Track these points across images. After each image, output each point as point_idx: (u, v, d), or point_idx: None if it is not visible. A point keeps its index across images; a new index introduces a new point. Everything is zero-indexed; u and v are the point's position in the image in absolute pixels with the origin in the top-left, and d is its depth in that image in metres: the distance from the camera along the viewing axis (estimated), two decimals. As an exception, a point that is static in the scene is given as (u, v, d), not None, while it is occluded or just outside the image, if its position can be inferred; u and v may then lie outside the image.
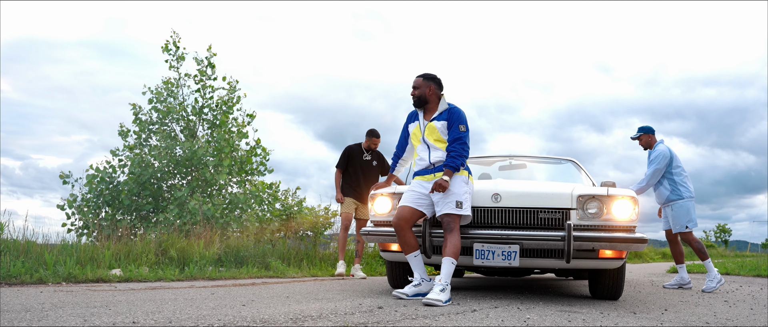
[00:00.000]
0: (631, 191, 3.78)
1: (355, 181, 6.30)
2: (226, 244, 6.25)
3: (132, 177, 7.40)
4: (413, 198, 3.69)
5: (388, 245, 4.01)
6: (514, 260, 3.59)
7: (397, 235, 3.66)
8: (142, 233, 6.03)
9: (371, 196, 4.10)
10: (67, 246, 5.04)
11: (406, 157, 4.17)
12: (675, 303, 4.09)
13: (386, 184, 4.22)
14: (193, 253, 5.80)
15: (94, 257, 5.14)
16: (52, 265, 4.67)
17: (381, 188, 4.11)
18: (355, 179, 6.31)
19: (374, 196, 4.06)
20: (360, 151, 6.35)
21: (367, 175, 6.31)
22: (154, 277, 4.99)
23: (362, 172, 6.30)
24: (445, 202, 3.57)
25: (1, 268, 4.38)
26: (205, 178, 7.56)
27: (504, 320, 2.77)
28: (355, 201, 6.29)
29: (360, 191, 6.28)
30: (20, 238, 5.16)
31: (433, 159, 3.76)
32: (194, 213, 6.91)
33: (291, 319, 2.55)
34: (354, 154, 6.35)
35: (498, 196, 3.72)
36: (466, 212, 3.60)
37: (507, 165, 5.56)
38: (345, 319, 2.60)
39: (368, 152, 6.36)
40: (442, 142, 3.75)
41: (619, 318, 3.04)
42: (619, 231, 3.63)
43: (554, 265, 3.73)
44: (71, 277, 4.51)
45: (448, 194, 3.58)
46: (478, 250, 3.62)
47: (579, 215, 3.65)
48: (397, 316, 2.74)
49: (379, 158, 6.42)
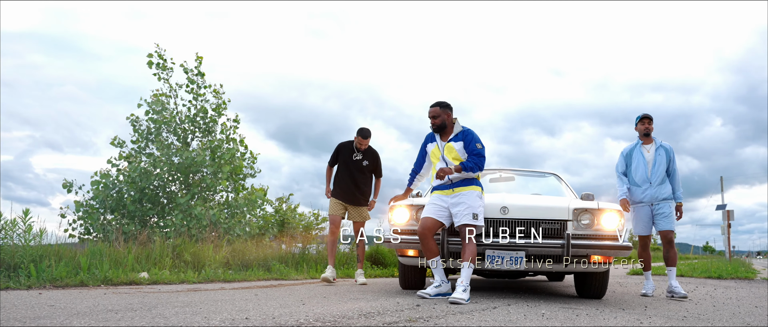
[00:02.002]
0: (618, 205, 4.42)
1: (343, 180, 6.02)
2: (232, 248, 6.63)
3: (132, 185, 7.67)
4: (435, 210, 4.23)
5: (405, 251, 4.53)
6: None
7: (421, 242, 4.19)
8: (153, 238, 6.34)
9: (390, 206, 4.60)
10: (96, 250, 5.35)
11: (423, 173, 4.71)
12: (649, 302, 4.75)
13: (404, 197, 4.72)
14: (205, 257, 6.17)
15: (118, 261, 5.47)
16: (86, 268, 4.99)
17: (399, 200, 4.62)
18: (342, 178, 6.03)
19: (393, 207, 4.57)
20: (351, 150, 6.05)
21: (355, 175, 5.99)
22: (177, 280, 5.35)
23: (351, 171, 5.99)
24: (464, 214, 4.12)
25: (45, 271, 4.68)
26: (206, 183, 7.92)
27: (525, 315, 3.32)
28: (342, 202, 6.01)
29: (348, 191, 5.99)
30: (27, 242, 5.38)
31: (452, 178, 4.27)
32: (200, 218, 7.26)
33: (363, 315, 3.03)
34: (344, 151, 6.07)
35: (506, 209, 4.29)
36: (480, 223, 4.16)
37: (497, 177, 6.15)
38: (399, 315, 3.10)
39: (359, 152, 6.04)
40: (459, 160, 4.28)
41: (619, 315, 3.64)
42: (608, 239, 4.26)
43: (553, 269, 4.32)
44: (107, 279, 4.84)
45: (466, 207, 4.13)
46: (490, 255, 4.18)
47: (574, 226, 4.25)
48: (437, 312, 3.26)
49: (372, 159, 6.09)
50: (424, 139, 4.63)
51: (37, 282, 4.44)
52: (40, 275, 4.61)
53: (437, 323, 2.83)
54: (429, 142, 4.54)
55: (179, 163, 7.94)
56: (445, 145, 4.35)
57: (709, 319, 3.59)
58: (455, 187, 4.26)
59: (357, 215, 6.02)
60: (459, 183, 4.25)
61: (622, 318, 3.41)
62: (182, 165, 7.91)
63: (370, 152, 6.09)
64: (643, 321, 3.29)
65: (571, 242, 4.12)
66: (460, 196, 4.20)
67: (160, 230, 7.20)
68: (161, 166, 7.88)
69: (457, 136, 4.34)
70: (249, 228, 7.82)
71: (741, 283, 8.22)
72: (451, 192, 4.25)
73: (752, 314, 3.96)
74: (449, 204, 4.24)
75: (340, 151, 6.09)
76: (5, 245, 4.87)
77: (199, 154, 7.89)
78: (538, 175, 6.39)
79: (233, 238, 7.36)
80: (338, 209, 6.00)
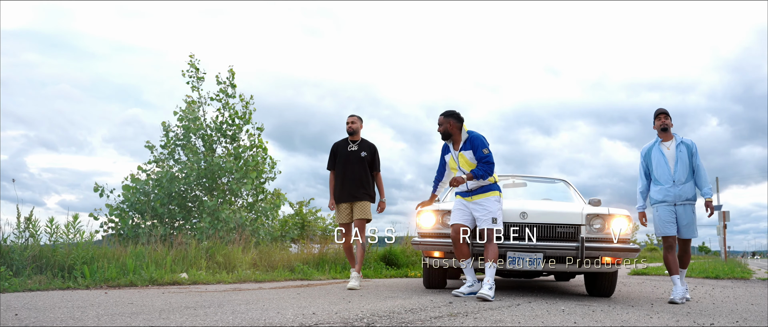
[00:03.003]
0: (626, 210, 4.83)
1: (340, 178, 5.58)
2: (259, 250, 7.03)
3: (161, 189, 8.08)
4: (461, 215, 4.64)
5: (431, 253, 4.92)
6: (539, 265, 4.57)
7: (455, 246, 4.59)
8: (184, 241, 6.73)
9: (417, 211, 5.00)
10: (139, 252, 5.73)
11: (445, 181, 5.10)
12: (654, 298, 5.16)
13: (429, 203, 5.10)
14: (235, 258, 6.55)
15: (158, 262, 5.84)
16: (132, 269, 5.37)
17: (426, 206, 5.01)
18: (340, 176, 5.59)
19: (420, 211, 4.96)
20: (346, 143, 5.69)
21: (354, 168, 5.54)
22: (213, 280, 5.74)
23: (349, 165, 5.55)
24: (485, 219, 4.53)
25: (96, 272, 5.06)
26: (232, 188, 8.35)
27: (548, 311, 3.72)
28: (347, 204, 5.57)
29: (349, 188, 5.51)
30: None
31: (470, 185, 4.65)
32: (228, 221, 7.67)
33: (408, 311, 3.43)
34: (339, 148, 5.71)
35: (525, 214, 4.70)
36: (499, 226, 4.56)
37: (510, 183, 6.54)
38: (439, 311, 3.50)
39: (354, 143, 5.63)
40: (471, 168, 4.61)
41: (629, 311, 4.04)
42: (618, 242, 4.66)
43: (568, 270, 4.72)
44: (153, 280, 5.23)
45: (487, 212, 4.54)
46: (511, 257, 4.58)
47: (587, 230, 4.66)
48: (471, 308, 3.66)
49: (369, 150, 5.63)
50: (442, 148, 4.98)
51: (91, 282, 4.82)
52: (92, 276, 4.99)
53: (476, 318, 3.23)
54: (446, 153, 4.90)
55: (205, 168, 8.35)
56: (458, 155, 4.71)
57: (711, 315, 3.99)
58: (474, 194, 4.64)
59: (359, 212, 5.50)
60: (478, 190, 4.62)
61: (634, 313, 3.81)
62: (208, 170, 8.32)
63: (366, 144, 5.67)
64: (652, 316, 3.70)
65: (585, 245, 4.53)
66: (480, 202, 4.58)
67: (187, 232, 7.59)
68: (189, 171, 8.28)
69: (466, 144, 4.67)
70: (272, 230, 8.22)
71: (737, 283, 8.62)
72: (471, 199, 4.65)
73: (748, 311, 4.36)
74: (471, 208, 4.63)
75: (335, 151, 5.73)
76: (58, 247, 5.24)
77: (227, 161, 8.32)
78: (549, 181, 6.79)
79: (260, 241, 7.76)
80: (345, 216, 5.58)
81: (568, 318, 3.37)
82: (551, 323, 3.09)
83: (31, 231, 5.05)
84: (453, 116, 4.71)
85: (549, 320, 3.23)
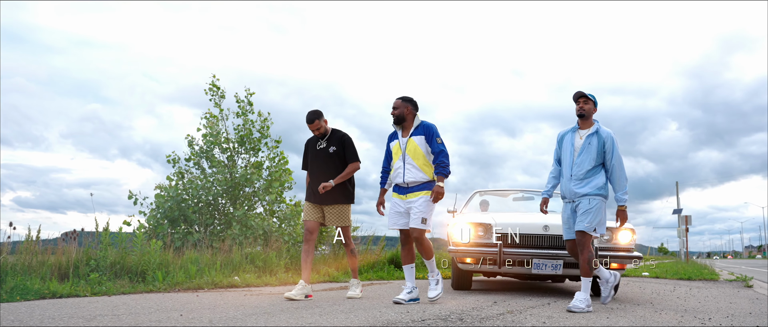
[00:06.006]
0: (630, 224, 5.65)
1: (312, 177, 5.22)
2: (290, 255, 7.69)
3: (190, 198, 8.68)
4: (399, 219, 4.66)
5: (463, 259, 5.64)
6: (559, 270, 5.37)
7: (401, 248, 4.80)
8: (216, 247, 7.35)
9: (452, 223, 5.72)
10: (194, 258, 6.32)
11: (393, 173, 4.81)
12: (654, 298, 6.01)
13: (381, 199, 4.90)
14: (272, 262, 7.19)
15: (209, 266, 6.44)
16: (194, 274, 5.96)
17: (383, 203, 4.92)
18: (311, 175, 5.24)
19: (455, 224, 5.68)
20: (315, 140, 5.31)
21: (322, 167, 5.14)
22: (261, 283, 6.36)
23: (317, 163, 5.19)
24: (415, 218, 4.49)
25: (168, 276, 5.65)
26: (258, 197, 9.02)
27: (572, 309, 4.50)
28: (316, 204, 5.15)
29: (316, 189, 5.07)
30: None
31: (408, 178, 4.56)
32: (257, 228, 8.31)
33: (475, 308, 4.16)
34: (309, 146, 5.37)
35: (547, 227, 5.48)
36: (428, 228, 4.53)
37: (520, 197, 7.35)
38: (491, 310, 4.24)
39: (322, 139, 5.23)
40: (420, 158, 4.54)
41: (635, 309, 4.86)
42: (623, 251, 5.50)
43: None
44: (214, 283, 5.83)
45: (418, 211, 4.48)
46: (536, 263, 5.37)
47: (598, 240, 5.48)
48: (519, 306, 4.41)
49: (339, 144, 5.18)
50: (388, 138, 4.87)
51: (165, 286, 5.41)
52: (164, 280, 5.58)
53: (534, 315, 3.99)
54: (391, 141, 4.79)
55: (228, 179, 8.97)
56: (407, 141, 4.60)
57: (707, 310, 4.83)
58: (410, 191, 4.57)
59: (334, 218, 5.11)
60: (414, 187, 4.56)
61: (642, 310, 4.61)
62: (232, 181, 8.95)
63: (336, 136, 5.23)
64: (660, 312, 4.51)
65: (598, 254, 5.34)
66: (413, 201, 4.53)
67: (217, 238, 8.18)
68: (213, 182, 8.89)
69: (418, 129, 4.60)
70: (296, 235, 8.86)
71: (707, 284, 9.57)
72: (406, 197, 4.60)
73: (731, 307, 5.21)
74: (406, 207, 4.60)
75: (306, 149, 5.40)
76: (128, 254, 5.80)
77: (253, 173, 8.97)
78: (556, 196, 7.63)
79: (290, 246, 8.40)
80: (312, 213, 5.13)
81: (602, 316, 4.16)
82: (590, 321, 3.87)
83: (107, 240, 5.60)
84: (411, 102, 4.68)
85: (592, 319, 4.01)
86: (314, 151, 5.24)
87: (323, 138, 5.22)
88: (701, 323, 4.02)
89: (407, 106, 4.64)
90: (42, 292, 4.43)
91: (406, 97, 4.68)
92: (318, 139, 5.25)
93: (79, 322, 3.20)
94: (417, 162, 4.54)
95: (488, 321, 3.57)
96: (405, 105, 4.64)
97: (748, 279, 9.95)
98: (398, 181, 4.63)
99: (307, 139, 5.41)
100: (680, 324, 3.89)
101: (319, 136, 5.23)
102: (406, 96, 4.70)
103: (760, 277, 12.09)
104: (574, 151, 4.59)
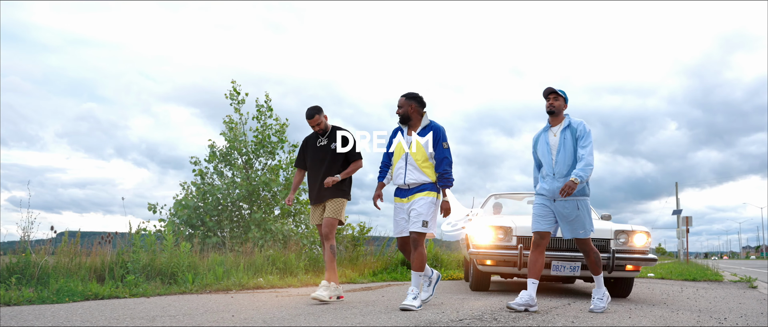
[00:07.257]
0: (646, 227, 5.86)
1: (312, 176, 5.09)
2: (308, 256, 7.89)
3: (208, 203, 8.90)
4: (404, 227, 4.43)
5: (484, 261, 5.84)
6: (578, 272, 5.57)
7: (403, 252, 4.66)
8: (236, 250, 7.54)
9: (475, 228, 5.90)
10: (220, 260, 6.50)
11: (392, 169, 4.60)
12: (667, 297, 6.22)
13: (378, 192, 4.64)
14: (292, 264, 7.38)
15: (234, 267, 6.62)
16: (222, 275, 6.15)
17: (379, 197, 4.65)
18: (311, 173, 5.11)
19: (477, 227, 5.87)
20: (315, 137, 5.17)
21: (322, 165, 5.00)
22: (284, 284, 6.54)
23: (317, 161, 5.05)
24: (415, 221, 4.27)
25: (197, 278, 5.83)
26: (275, 201, 9.25)
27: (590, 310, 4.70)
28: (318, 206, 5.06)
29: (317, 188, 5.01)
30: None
31: (409, 180, 4.35)
32: (277, 232, 8.53)
33: (500, 309, 4.36)
34: (309, 143, 5.22)
35: (565, 231, 5.68)
36: (431, 230, 4.29)
37: (532, 201, 7.55)
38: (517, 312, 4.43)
39: (322, 136, 5.10)
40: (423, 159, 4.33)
41: (653, 309, 5.07)
42: (638, 253, 5.70)
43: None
44: (241, 284, 6.02)
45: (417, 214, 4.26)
46: (555, 265, 5.56)
47: (614, 243, 5.68)
48: (540, 307, 4.61)
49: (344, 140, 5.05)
50: (391, 132, 4.65)
51: (195, 287, 5.59)
52: (194, 282, 5.76)
53: (561, 315, 4.18)
54: (394, 136, 4.56)
55: (249, 183, 9.20)
56: (411, 140, 4.38)
57: (720, 311, 5.04)
58: (412, 193, 4.36)
59: (329, 209, 4.95)
60: (415, 189, 4.35)
61: (659, 310, 4.82)
62: (250, 185, 9.17)
63: (337, 133, 5.09)
64: (676, 312, 4.71)
65: (615, 256, 5.55)
66: (414, 202, 4.31)
67: (237, 242, 8.38)
68: (233, 185, 9.12)
69: (425, 129, 4.39)
70: (313, 237, 9.09)
71: (713, 285, 9.79)
72: (408, 200, 4.38)
73: (742, 308, 5.42)
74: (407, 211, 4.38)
75: (305, 146, 5.26)
76: (161, 256, 5.97)
77: (272, 179, 9.21)
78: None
79: (308, 248, 8.61)
80: (319, 216, 5.06)
81: (624, 316, 4.36)
82: (620, 321, 4.07)
83: (139, 243, 5.78)
84: (415, 99, 4.43)
85: (616, 319, 4.21)
86: (314, 148, 5.10)
87: (324, 135, 5.10)
88: (718, 323, 4.21)
89: (411, 103, 4.41)
90: (85, 293, 4.60)
91: (411, 94, 4.43)
92: (318, 137, 5.12)
93: (142, 322, 3.38)
94: (419, 163, 4.32)
95: (520, 321, 3.76)
96: (409, 103, 4.41)
97: (752, 280, 10.18)
98: (399, 183, 4.41)
99: (306, 137, 5.29)
100: (699, 323, 4.08)
101: (320, 132, 5.10)
102: (411, 92, 4.45)
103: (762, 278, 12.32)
104: (551, 150, 4.45)
